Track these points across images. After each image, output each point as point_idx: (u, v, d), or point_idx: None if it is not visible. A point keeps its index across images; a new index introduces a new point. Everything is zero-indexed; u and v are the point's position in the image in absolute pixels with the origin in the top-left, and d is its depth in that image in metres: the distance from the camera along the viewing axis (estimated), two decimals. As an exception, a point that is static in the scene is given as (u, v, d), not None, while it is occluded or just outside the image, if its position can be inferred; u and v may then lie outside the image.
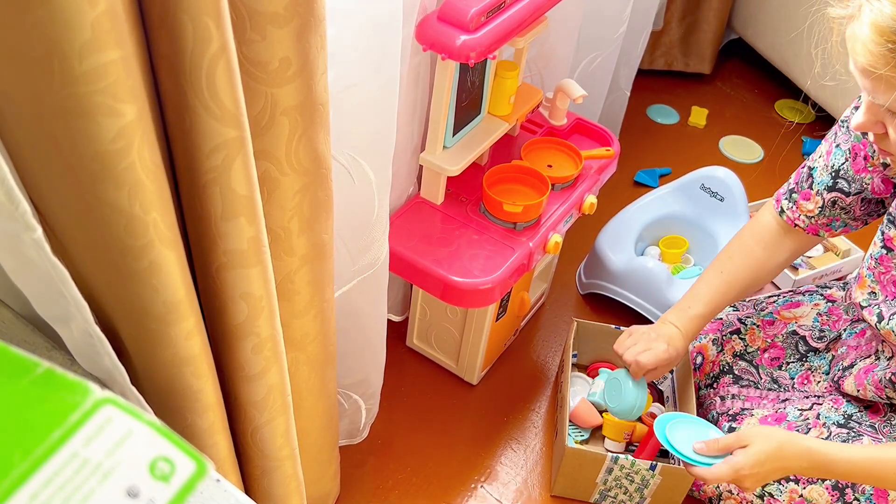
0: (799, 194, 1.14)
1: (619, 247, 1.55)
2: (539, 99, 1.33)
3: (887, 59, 0.79)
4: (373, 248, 1.01)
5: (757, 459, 1.01)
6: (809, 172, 1.13)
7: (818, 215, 1.12)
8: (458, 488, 1.30)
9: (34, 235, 0.51)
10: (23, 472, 0.30)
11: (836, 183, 1.09)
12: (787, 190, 1.17)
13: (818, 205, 1.11)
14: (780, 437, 1.02)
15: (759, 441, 1.02)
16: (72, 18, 0.42)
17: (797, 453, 1.01)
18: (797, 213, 1.14)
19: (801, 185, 1.14)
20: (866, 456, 1.00)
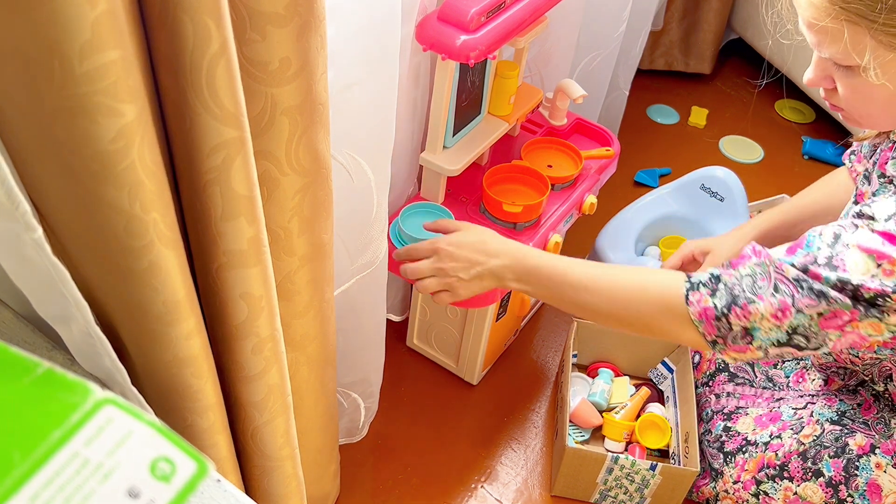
0: (856, 157, 1.14)
1: (619, 247, 1.55)
2: (539, 99, 1.33)
3: (828, 10, 0.79)
4: (371, 247, 1.01)
5: (458, 239, 1.00)
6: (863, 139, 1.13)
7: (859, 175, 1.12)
8: (459, 488, 1.30)
9: (34, 235, 0.51)
10: (23, 472, 0.30)
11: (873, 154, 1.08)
12: (850, 150, 1.18)
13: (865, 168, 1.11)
14: (491, 231, 1.03)
15: (470, 227, 1.04)
16: (72, 19, 0.42)
17: (501, 247, 0.99)
18: (854, 172, 1.15)
19: (859, 149, 1.14)
20: (569, 264, 0.95)
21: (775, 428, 1.18)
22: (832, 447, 1.11)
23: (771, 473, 1.16)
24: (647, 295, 0.91)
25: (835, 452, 1.11)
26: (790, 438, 1.15)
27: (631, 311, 0.92)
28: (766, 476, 1.16)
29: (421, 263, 1.04)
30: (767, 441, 1.17)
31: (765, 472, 1.16)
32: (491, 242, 1.01)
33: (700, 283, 0.87)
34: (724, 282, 0.86)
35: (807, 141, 2.07)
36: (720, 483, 1.22)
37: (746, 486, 1.18)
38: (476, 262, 1.00)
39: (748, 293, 0.84)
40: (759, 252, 0.86)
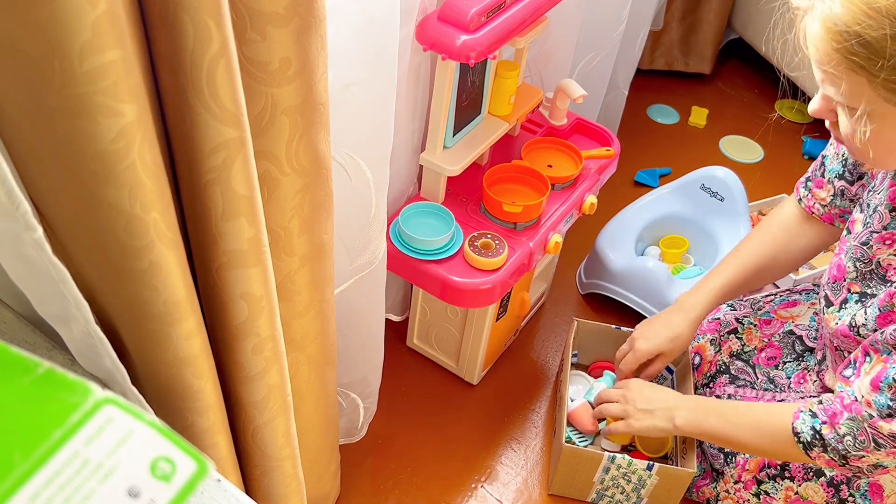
0: (813, 182, 1.15)
1: (619, 247, 1.55)
2: (539, 99, 1.33)
3: (832, 57, 0.80)
4: (371, 247, 1.01)
5: (646, 385, 1.19)
6: (822, 161, 1.13)
7: (830, 204, 1.13)
8: (459, 488, 1.30)
9: (35, 235, 0.51)
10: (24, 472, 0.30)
11: (844, 172, 1.10)
12: (804, 178, 1.17)
13: (830, 193, 1.12)
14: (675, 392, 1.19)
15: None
16: (72, 19, 0.42)
17: (682, 399, 1.15)
18: (812, 200, 1.15)
19: (815, 174, 1.14)
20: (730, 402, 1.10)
21: (776, 428, 1.18)
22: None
23: (772, 473, 1.16)
24: (770, 442, 1.04)
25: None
26: (791, 438, 1.15)
27: (767, 453, 1.10)
28: (767, 476, 1.16)
29: (611, 391, 1.24)
30: (768, 441, 1.17)
31: (766, 471, 1.16)
32: (674, 394, 1.18)
33: (808, 443, 0.98)
34: (828, 442, 0.96)
35: (807, 141, 2.07)
36: (721, 483, 1.22)
37: (747, 485, 1.18)
38: (655, 399, 1.16)
39: (854, 451, 0.94)
40: (848, 406, 0.94)
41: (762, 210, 1.82)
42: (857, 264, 1.03)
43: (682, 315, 1.21)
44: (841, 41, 0.78)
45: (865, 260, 1.02)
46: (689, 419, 1.11)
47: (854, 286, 1.03)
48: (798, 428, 0.98)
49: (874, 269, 1.01)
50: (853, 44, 0.77)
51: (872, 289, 1.01)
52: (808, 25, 0.84)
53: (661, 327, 1.22)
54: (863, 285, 1.02)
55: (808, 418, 0.98)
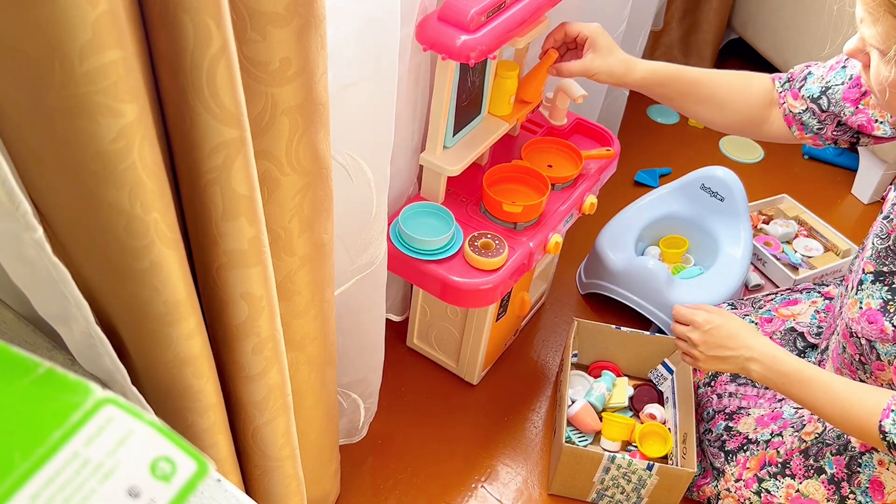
0: (790, 91, 1.14)
1: (619, 247, 1.55)
2: (539, 99, 1.32)
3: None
4: (371, 247, 1.01)
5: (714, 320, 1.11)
6: (806, 76, 1.13)
7: (797, 114, 1.13)
8: (459, 488, 1.30)
9: (35, 236, 0.51)
10: (24, 472, 0.30)
11: (821, 98, 1.10)
12: (785, 77, 1.16)
13: (801, 107, 1.12)
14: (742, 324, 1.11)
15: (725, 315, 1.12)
16: (72, 19, 0.42)
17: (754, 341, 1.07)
18: (783, 100, 1.14)
19: (795, 83, 1.13)
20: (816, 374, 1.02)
21: (776, 426, 1.18)
22: (834, 444, 1.11)
23: (773, 471, 1.16)
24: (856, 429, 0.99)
25: (837, 450, 1.11)
26: (791, 436, 1.15)
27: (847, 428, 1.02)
28: (768, 474, 1.16)
29: (678, 326, 1.17)
30: (769, 439, 1.17)
31: (766, 469, 1.16)
32: (748, 336, 1.09)
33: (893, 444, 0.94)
34: None
35: (807, 141, 2.07)
36: (722, 482, 1.22)
37: (748, 484, 1.18)
38: (724, 346, 1.10)
39: None
40: None
41: (762, 210, 1.82)
42: (875, 241, 1.03)
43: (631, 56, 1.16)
44: None
45: (883, 235, 1.01)
46: (767, 378, 1.05)
47: (868, 265, 1.03)
48: (886, 427, 0.95)
49: (891, 245, 1.00)
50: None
51: (890, 266, 1.00)
52: None
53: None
54: (877, 264, 1.01)
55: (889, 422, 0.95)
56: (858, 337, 1.04)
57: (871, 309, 1.01)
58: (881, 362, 1.02)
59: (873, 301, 1.01)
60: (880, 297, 1.00)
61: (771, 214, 1.82)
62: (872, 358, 1.03)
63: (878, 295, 1.00)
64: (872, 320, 1.00)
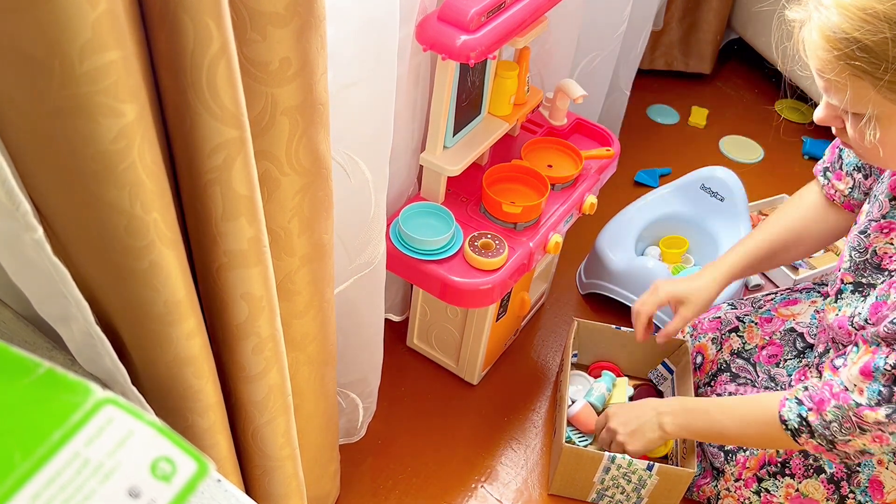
0: (833, 174, 1.15)
1: (619, 247, 1.55)
2: (539, 99, 1.33)
3: (834, 65, 0.80)
4: (370, 247, 1.01)
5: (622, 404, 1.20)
6: (839, 154, 1.14)
7: (849, 195, 1.13)
8: (459, 488, 1.30)
9: (35, 236, 0.51)
10: (24, 472, 0.30)
11: (862, 166, 1.10)
12: (822, 168, 1.17)
13: (849, 185, 1.12)
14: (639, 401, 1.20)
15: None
16: (72, 19, 0.42)
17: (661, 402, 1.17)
18: (833, 189, 1.15)
19: (834, 166, 1.14)
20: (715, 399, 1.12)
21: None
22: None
23: (772, 471, 1.16)
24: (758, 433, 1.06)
25: (836, 451, 1.11)
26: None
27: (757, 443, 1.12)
28: (768, 473, 1.16)
29: (601, 433, 1.23)
30: (768, 440, 1.18)
31: (766, 469, 1.16)
32: (651, 399, 1.20)
33: (795, 429, 1.00)
34: (815, 429, 0.98)
35: (807, 141, 2.07)
36: (721, 481, 1.22)
37: (748, 483, 1.18)
38: (636, 416, 1.17)
39: (840, 436, 0.96)
40: (836, 394, 0.96)
41: (762, 210, 1.82)
42: (852, 253, 1.04)
43: (709, 271, 1.21)
44: (841, 48, 0.79)
45: (861, 249, 1.02)
46: (678, 423, 1.12)
47: (847, 276, 1.04)
48: (785, 415, 1.00)
49: (869, 259, 1.01)
50: (854, 50, 0.77)
51: (867, 278, 1.01)
52: (807, 36, 0.84)
53: (684, 280, 1.22)
54: (856, 275, 1.02)
55: (794, 406, 0.99)
56: (837, 342, 1.06)
57: (844, 316, 1.03)
58: None
59: (848, 309, 1.03)
60: (853, 306, 1.02)
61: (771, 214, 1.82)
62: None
63: (853, 304, 1.02)
64: (841, 325, 1.03)
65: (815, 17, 0.82)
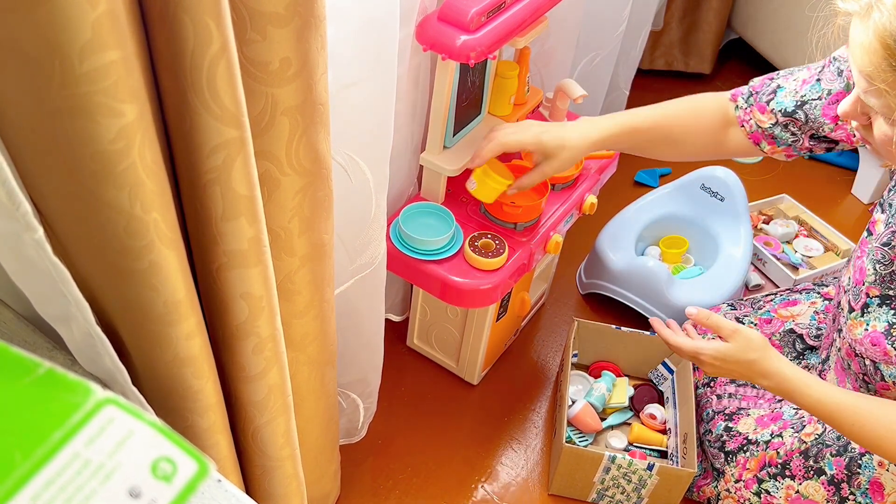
0: (756, 104, 1.08)
1: (619, 247, 1.55)
2: (539, 99, 1.33)
3: (886, 72, 0.77)
4: (370, 247, 1.01)
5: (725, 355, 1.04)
6: (775, 89, 1.07)
7: (767, 129, 1.07)
8: (459, 488, 1.30)
9: (35, 236, 0.51)
10: (24, 472, 0.30)
11: (796, 112, 1.04)
12: (746, 92, 1.10)
13: (771, 121, 1.07)
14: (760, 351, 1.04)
15: (741, 342, 1.04)
16: (72, 19, 0.42)
17: (767, 370, 1.03)
18: (748, 116, 1.09)
19: (761, 97, 1.08)
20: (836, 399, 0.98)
21: (776, 427, 1.18)
22: (834, 445, 1.11)
23: (773, 472, 1.16)
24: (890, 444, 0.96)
25: (837, 451, 1.11)
26: (791, 437, 1.15)
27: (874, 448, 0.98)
28: (768, 475, 1.16)
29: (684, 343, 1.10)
30: (769, 440, 1.17)
31: (766, 470, 1.16)
32: (760, 364, 1.04)
33: None
34: None
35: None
36: (722, 482, 1.22)
37: (748, 484, 1.18)
38: (740, 374, 1.06)
39: None
40: None
41: (762, 210, 1.82)
42: (876, 266, 1.02)
43: (579, 128, 1.09)
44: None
45: (886, 262, 1.00)
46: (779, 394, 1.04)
47: (872, 290, 1.02)
48: None
49: (895, 270, 1.00)
50: None
51: (895, 289, 1.00)
52: (859, 33, 0.80)
53: (552, 126, 1.09)
54: (882, 288, 1.01)
55: None
56: (863, 357, 1.04)
57: (875, 331, 1.01)
58: (885, 383, 1.02)
59: (879, 324, 1.01)
60: (886, 321, 1.00)
61: (771, 214, 1.82)
62: (877, 378, 1.04)
63: (884, 318, 1.01)
64: (876, 342, 1.00)
65: (874, 18, 0.77)
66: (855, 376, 1.07)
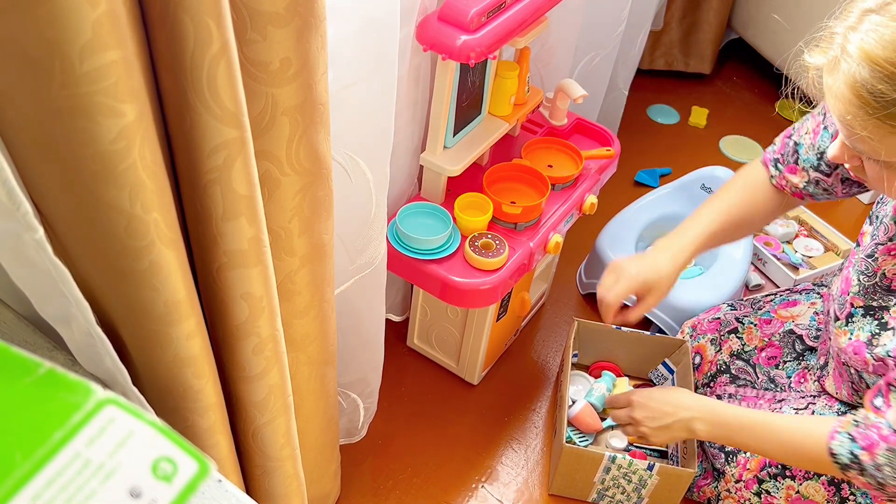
0: (785, 167, 1.12)
1: (619, 247, 1.55)
2: (539, 99, 1.33)
3: (867, 122, 0.77)
4: (370, 247, 1.01)
5: (650, 393, 1.16)
6: (795, 148, 1.11)
7: (803, 189, 1.11)
8: (459, 488, 1.30)
9: (35, 236, 0.51)
10: (25, 472, 0.30)
11: (820, 165, 1.07)
12: (772, 158, 1.14)
13: (804, 179, 1.10)
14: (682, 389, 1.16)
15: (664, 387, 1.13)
16: (73, 19, 0.42)
17: (692, 401, 1.12)
18: (784, 181, 1.13)
19: (787, 159, 1.12)
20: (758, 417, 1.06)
21: (776, 427, 1.18)
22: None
23: (773, 472, 1.16)
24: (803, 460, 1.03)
25: (837, 451, 1.11)
26: (791, 438, 1.15)
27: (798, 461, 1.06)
28: (769, 475, 1.16)
29: (619, 412, 1.20)
30: (768, 440, 1.17)
31: (767, 470, 1.16)
32: (681, 397, 1.14)
33: (845, 465, 0.96)
34: (866, 468, 0.94)
35: (807, 141, 2.07)
36: (722, 482, 1.22)
37: (748, 484, 1.18)
38: (666, 413, 1.12)
39: (892, 480, 0.93)
40: (885, 437, 0.92)
41: (762, 210, 1.82)
42: (860, 277, 1.03)
43: (668, 255, 1.14)
44: (879, 108, 0.75)
45: (870, 273, 1.01)
46: (712, 433, 1.08)
47: (857, 300, 1.03)
48: (835, 449, 0.96)
49: (878, 282, 1.00)
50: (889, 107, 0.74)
51: (878, 301, 1.00)
52: (831, 85, 0.80)
53: (645, 262, 1.14)
54: (866, 299, 1.02)
55: (846, 441, 0.95)
56: (848, 366, 1.05)
57: (858, 341, 1.02)
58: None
59: (862, 334, 1.02)
60: (868, 331, 1.01)
61: (771, 214, 1.82)
62: (862, 386, 1.05)
63: (867, 328, 1.01)
64: (857, 352, 1.02)
65: (843, 68, 0.77)
66: (847, 383, 1.08)
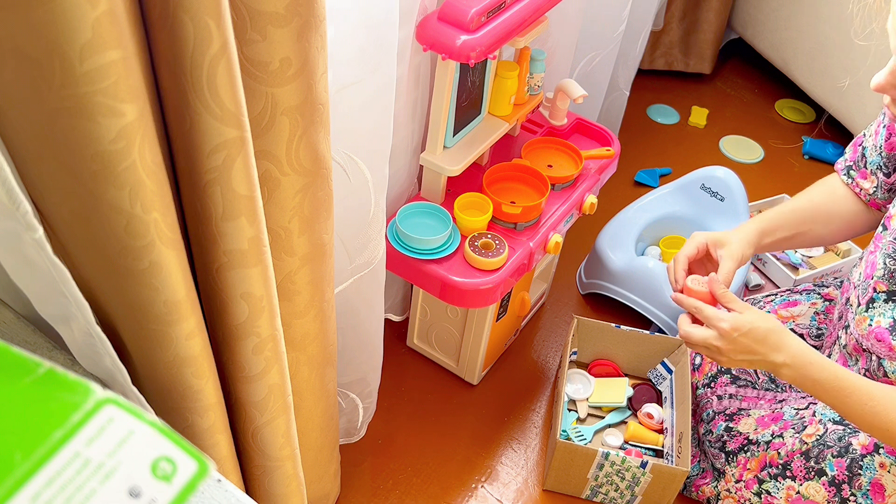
0: (857, 172, 1.14)
1: (619, 247, 1.55)
2: (539, 99, 1.33)
3: None
4: (370, 247, 1.01)
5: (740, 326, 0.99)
6: (862, 152, 1.13)
7: (873, 194, 1.13)
8: (459, 488, 1.30)
9: (35, 235, 0.51)
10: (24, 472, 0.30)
11: (881, 164, 1.10)
12: (844, 166, 1.16)
13: (874, 184, 1.12)
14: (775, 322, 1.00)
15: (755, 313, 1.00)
16: (73, 19, 0.42)
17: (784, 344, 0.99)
18: (857, 188, 1.15)
19: (858, 165, 1.14)
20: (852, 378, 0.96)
21: (777, 427, 1.18)
22: (835, 446, 1.11)
23: (773, 472, 1.16)
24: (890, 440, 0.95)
25: (838, 452, 1.11)
26: (792, 438, 1.15)
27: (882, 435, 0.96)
28: (769, 475, 1.16)
29: (699, 331, 1.03)
30: (769, 440, 1.17)
31: (767, 471, 1.16)
32: (773, 336, 1.00)
33: None
34: None
35: (807, 141, 2.07)
36: (722, 482, 1.22)
37: (749, 485, 1.18)
38: (754, 351, 1.00)
39: None
40: None
41: (762, 210, 1.82)
42: (886, 261, 1.02)
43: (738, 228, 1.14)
44: None
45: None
46: (798, 383, 1.00)
47: (880, 284, 1.03)
48: None
49: None
50: None
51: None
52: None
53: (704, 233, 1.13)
54: (890, 283, 1.02)
55: None
56: (869, 353, 1.04)
57: (880, 327, 1.01)
58: (889, 378, 1.02)
59: (883, 319, 1.01)
60: (891, 317, 1.01)
61: (771, 214, 1.82)
62: (880, 374, 1.04)
63: (889, 314, 1.01)
64: (881, 338, 1.01)
65: None
66: (858, 372, 1.07)
